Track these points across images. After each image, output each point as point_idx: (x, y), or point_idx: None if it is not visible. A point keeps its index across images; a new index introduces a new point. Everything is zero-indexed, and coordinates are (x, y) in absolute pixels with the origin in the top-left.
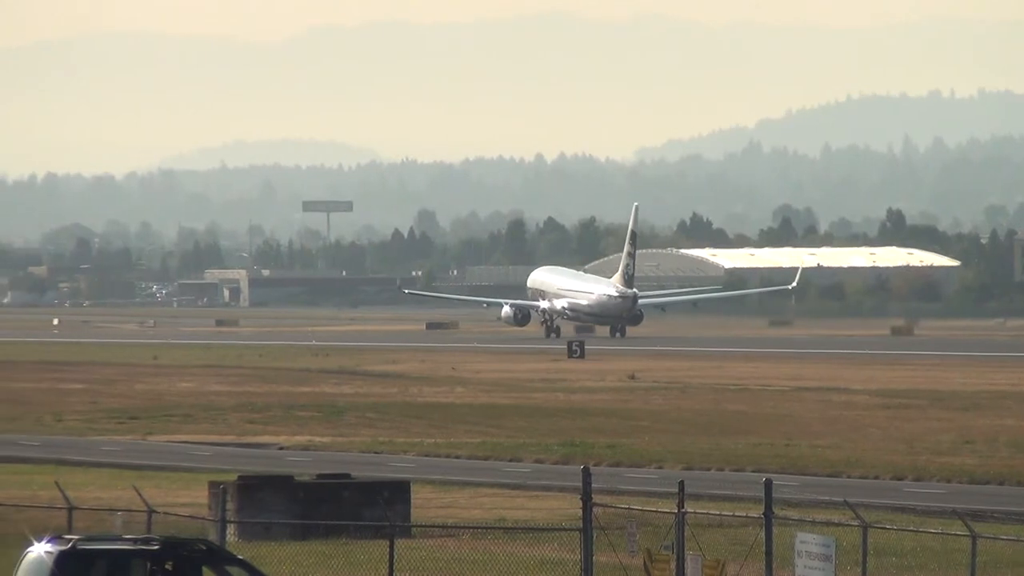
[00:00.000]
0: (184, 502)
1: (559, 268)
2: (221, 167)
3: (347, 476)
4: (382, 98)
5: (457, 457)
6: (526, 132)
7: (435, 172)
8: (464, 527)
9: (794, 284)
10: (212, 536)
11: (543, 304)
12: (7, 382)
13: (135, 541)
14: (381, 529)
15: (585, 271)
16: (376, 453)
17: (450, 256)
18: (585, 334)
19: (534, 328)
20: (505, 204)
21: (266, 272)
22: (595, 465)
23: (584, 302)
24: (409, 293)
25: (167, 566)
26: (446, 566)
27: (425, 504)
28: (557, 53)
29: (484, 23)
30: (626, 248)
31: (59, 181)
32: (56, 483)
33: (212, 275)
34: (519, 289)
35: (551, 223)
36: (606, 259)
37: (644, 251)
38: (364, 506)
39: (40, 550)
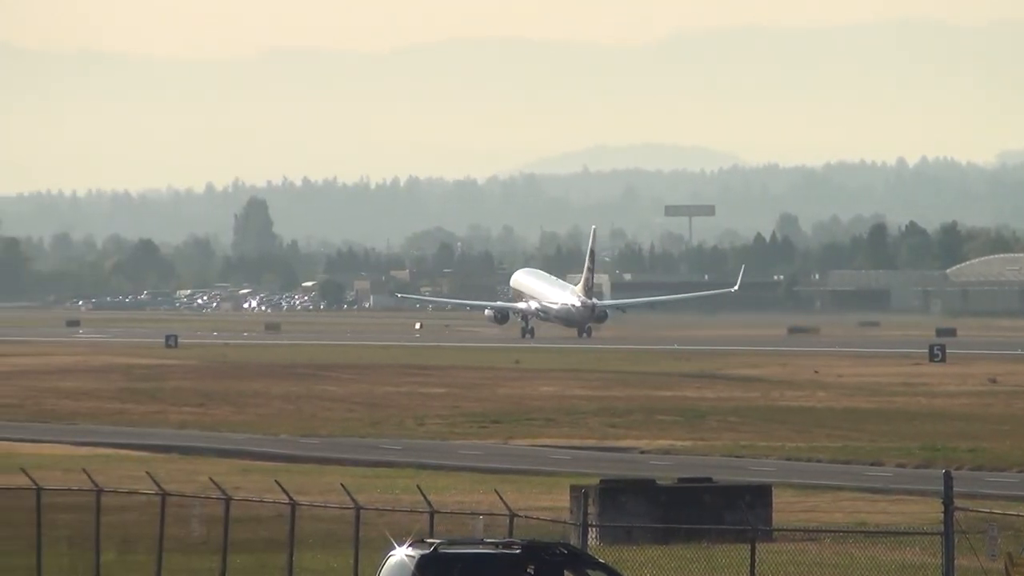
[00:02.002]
0: (545, 506)
1: (537, 271)
2: (583, 171)
3: (708, 480)
4: (745, 102)
5: (818, 461)
6: (888, 136)
7: (797, 176)
8: (825, 531)
9: (736, 288)
10: (573, 540)
11: (520, 305)
12: (369, 386)
13: (497, 545)
14: (742, 533)
15: (947, 275)
16: (737, 457)
17: (812, 260)
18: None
19: (513, 329)
20: (867, 208)
21: (627, 276)
22: (956, 469)
23: (553, 308)
24: (402, 297)
25: (529, 570)
26: (807, 570)
27: (786, 508)
28: (914, 57)
29: (838, 28)
30: (586, 264)
31: (421, 185)
32: (418, 487)
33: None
34: (879, 294)
35: (912, 227)
36: (968, 263)
37: (1005, 255)
38: (725, 510)
39: (402, 554)
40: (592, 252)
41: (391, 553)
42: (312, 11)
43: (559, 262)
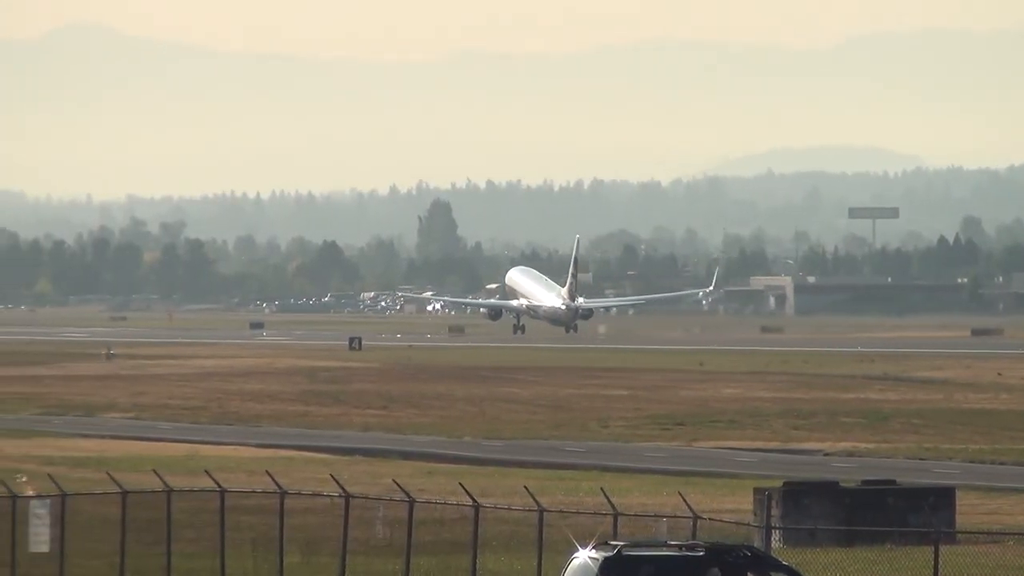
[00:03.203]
0: (729, 508)
1: (529, 271)
2: (767, 173)
3: (892, 482)
4: (928, 104)
5: (1002, 463)
6: None
7: (981, 179)
8: (1009, 533)
9: (711, 288)
10: (757, 542)
11: (513, 303)
12: (553, 388)
13: (680, 547)
14: (926, 535)
15: None
16: (920, 459)
17: (995, 263)
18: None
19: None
20: None
21: (811, 279)
22: None
23: (541, 308)
24: (402, 296)
25: (712, 571)
26: (990, 572)
27: (970, 510)
28: None
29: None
30: (570, 270)
31: (605, 187)
32: (601, 489)
33: (758, 282)
34: None
35: None
36: None
37: None
38: (909, 512)
39: (585, 556)
40: (576, 259)
41: (575, 555)
42: (498, 14)
43: (742, 264)
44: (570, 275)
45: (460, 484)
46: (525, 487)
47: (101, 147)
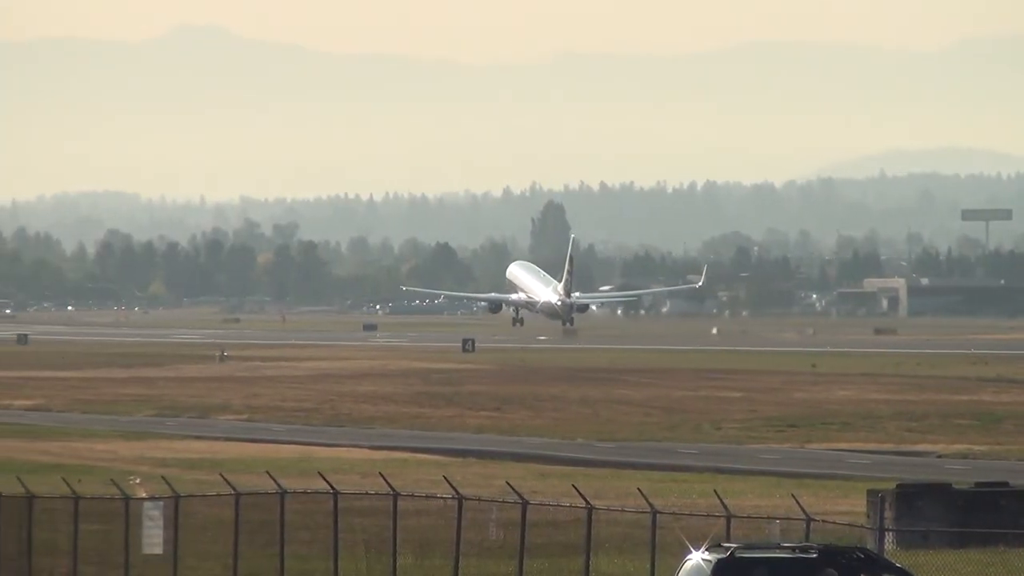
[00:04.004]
0: (842, 510)
1: (529, 266)
2: (880, 175)
3: (1005, 484)
4: None
5: None
6: None
7: None
8: None
9: (700, 283)
10: (870, 544)
11: (512, 297)
12: (666, 390)
13: (793, 549)
14: None
15: None
16: None
17: None
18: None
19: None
20: None
21: (924, 281)
22: None
23: (537, 302)
24: (407, 290)
25: (826, 573)
26: None
27: None
28: None
29: None
30: (566, 268)
31: (719, 189)
32: (715, 491)
33: (871, 284)
34: None
35: None
36: None
37: None
38: (1022, 514)
39: (699, 558)
40: (571, 258)
41: (688, 557)
42: (605, 15)
43: (855, 266)
44: (565, 272)
45: (573, 486)
46: (638, 489)
47: (215, 149)
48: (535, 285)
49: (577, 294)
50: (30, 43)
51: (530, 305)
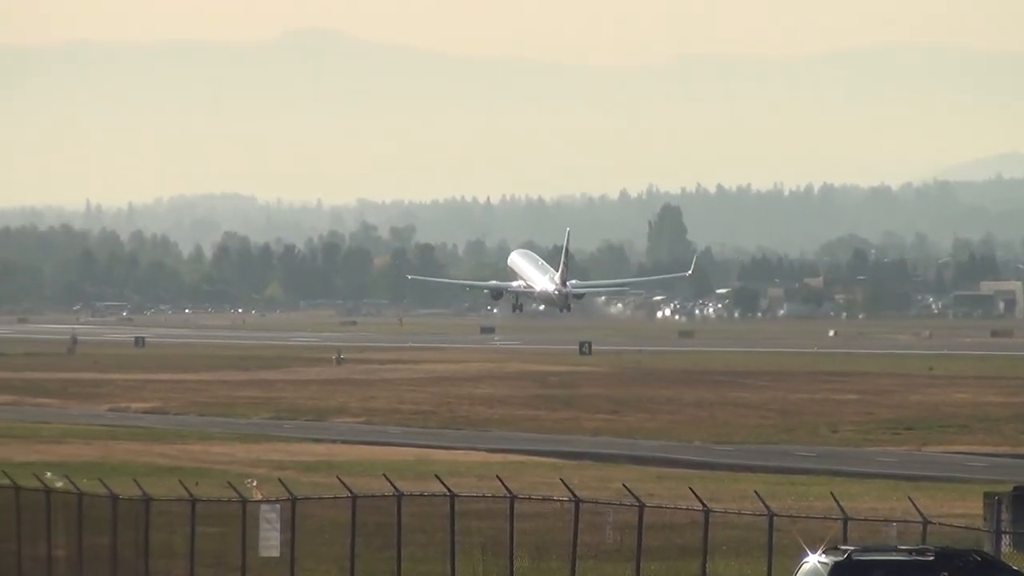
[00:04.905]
0: (959, 512)
1: (529, 254)
2: (996, 178)
3: None
4: None
5: None
6: None
7: None
8: None
9: (690, 272)
10: (987, 547)
11: (513, 284)
12: (783, 392)
13: (910, 552)
14: None
15: None
16: None
17: None
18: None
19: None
20: None
21: None
22: None
23: (535, 290)
24: (411, 279)
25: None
26: None
27: None
28: None
29: None
30: (562, 260)
31: (835, 192)
32: (831, 493)
33: (987, 286)
34: None
35: None
36: None
37: None
38: None
39: (815, 560)
40: (567, 250)
41: (805, 560)
42: (725, 16)
43: (972, 269)
44: (562, 263)
45: (690, 489)
46: (755, 492)
47: (332, 151)
48: (534, 273)
49: (573, 282)
50: (152, 45)
51: (529, 292)
